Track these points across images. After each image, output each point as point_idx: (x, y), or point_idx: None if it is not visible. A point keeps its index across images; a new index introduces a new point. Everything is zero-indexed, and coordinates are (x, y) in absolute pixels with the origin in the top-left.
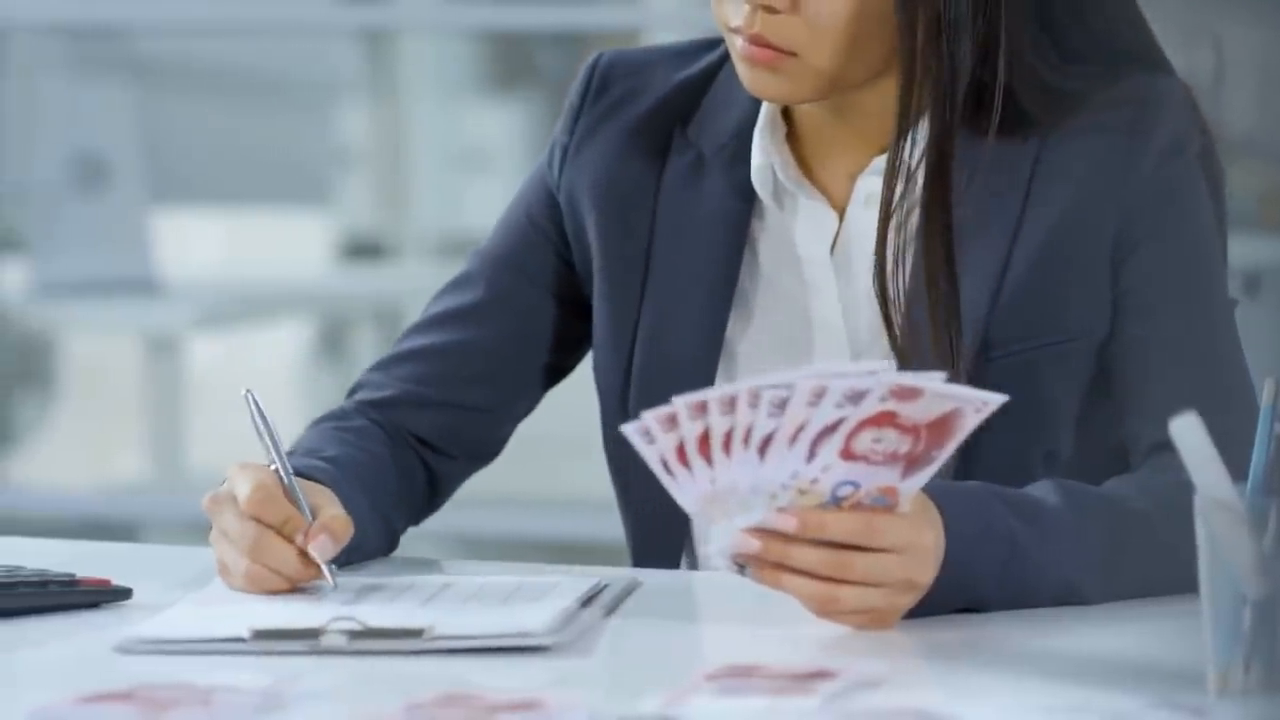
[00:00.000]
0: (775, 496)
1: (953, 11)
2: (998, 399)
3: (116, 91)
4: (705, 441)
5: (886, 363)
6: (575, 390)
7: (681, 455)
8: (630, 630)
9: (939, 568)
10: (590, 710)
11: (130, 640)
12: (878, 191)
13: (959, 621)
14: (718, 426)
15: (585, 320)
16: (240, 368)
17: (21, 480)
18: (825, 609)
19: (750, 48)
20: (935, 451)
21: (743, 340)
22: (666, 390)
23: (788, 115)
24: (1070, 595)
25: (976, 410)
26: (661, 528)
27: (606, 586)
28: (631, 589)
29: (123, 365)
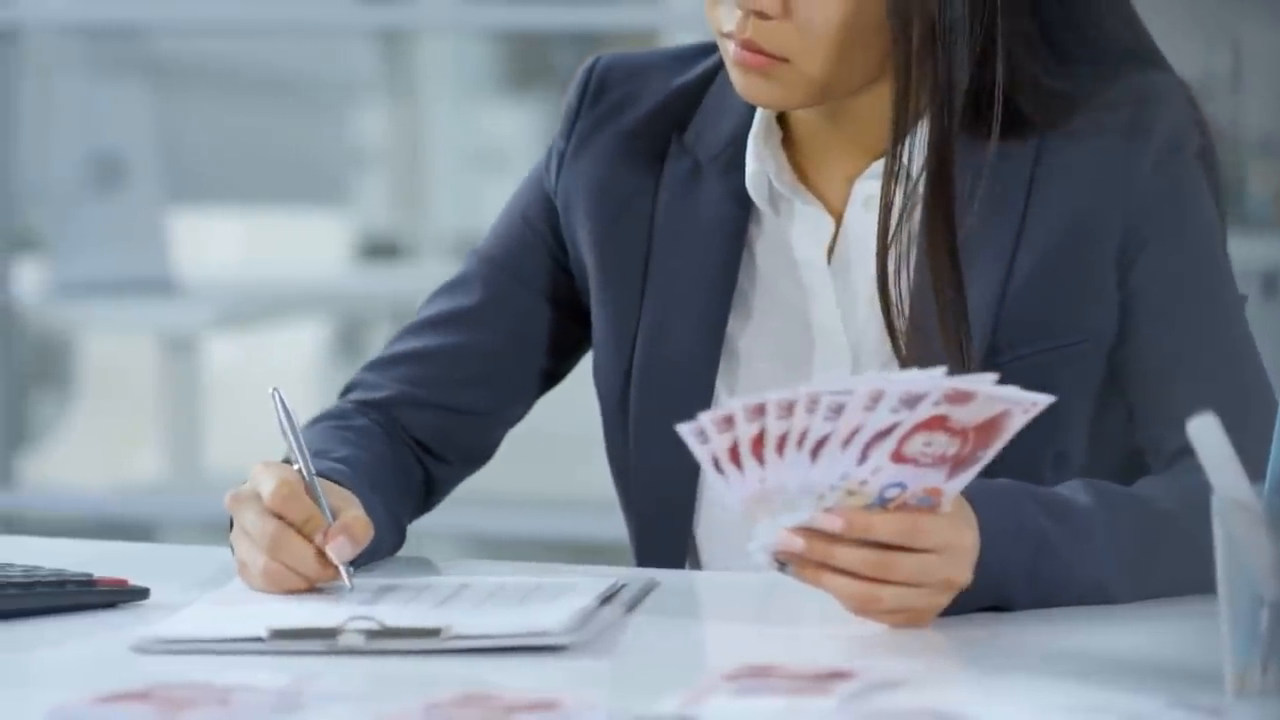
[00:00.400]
0: (823, 497)
1: (947, 17)
2: (1046, 399)
3: (134, 91)
4: (759, 442)
5: (943, 370)
6: (591, 389)
7: (734, 455)
8: (648, 630)
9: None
10: (608, 710)
11: (147, 640)
12: (876, 194)
13: (978, 621)
14: (773, 429)
15: (580, 325)
16: (257, 367)
17: (39, 480)
18: (865, 608)
19: (742, 53)
20: (981, 452)
21: (742, 343)
22: (666, 393)
23: (783, 121)
24: (1099, 595)
25: (1025, 411)
26: (663, 528)
27: (624, 586)
28: (649, 589)
29: (140, 365)
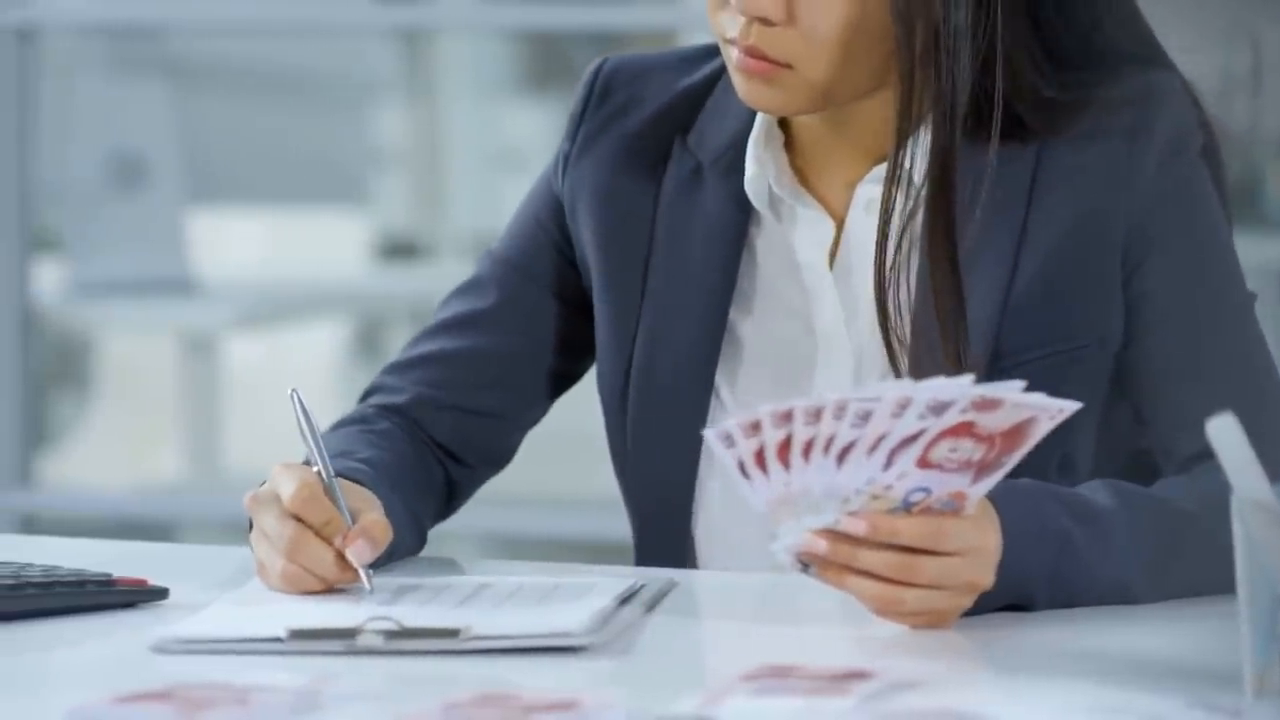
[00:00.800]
0: (848, 500)
1: (951, 23)
2: (1073, 405)
3: (154, 91)
4: (786, 447)
5: (970, 378)
6: None
7: (760, 459)
8: (667, 630)
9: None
10: (627, 710)
11: (167, 640)
12: (878, 198)
13: (996, 622)
14: (800, 435)
15: (593, 325)
16: (277, 367)
17: (58, 480)
18: (887, 610)
19: (746, 59)
20: (1006, 458)
21: (744, 346)
22: (665, 394)
23: (785, 124)
24: (1120, 595)
25: (1051, 417)
26: (661, 529)
27: (643, 586)
28: (668, 589)
29: (160, 365)
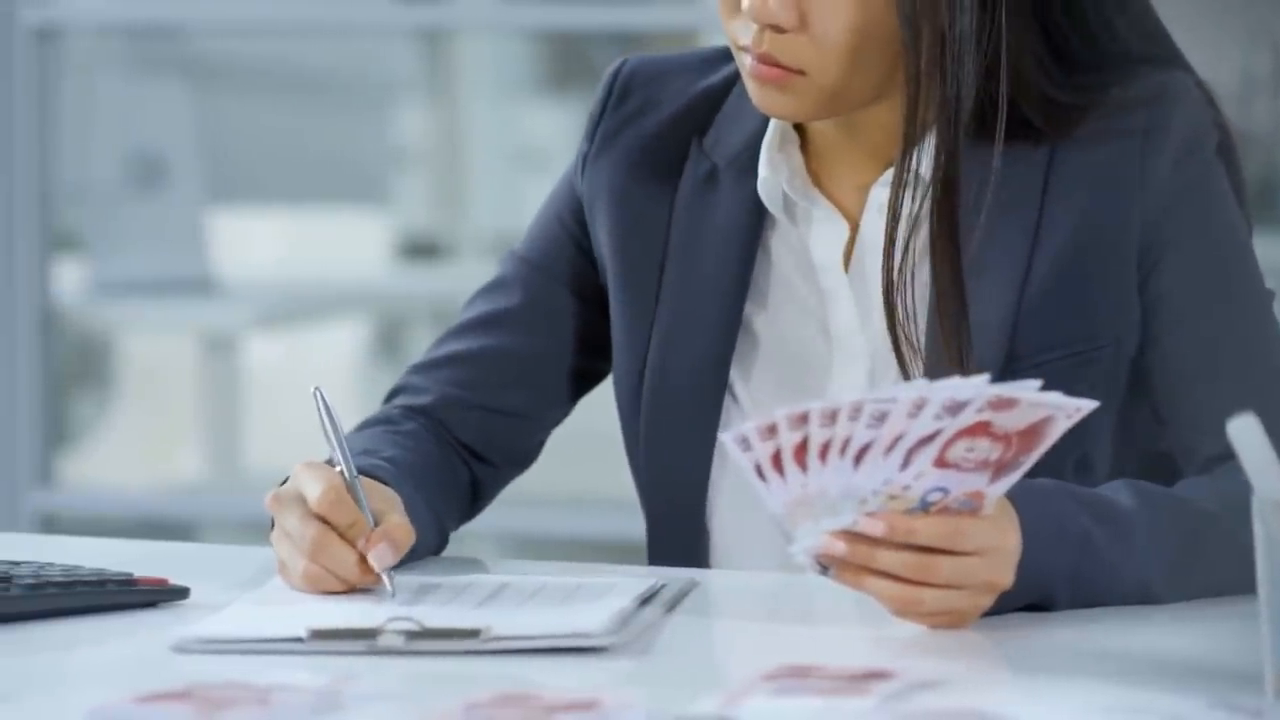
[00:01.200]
0: (865, 501)
1: (957, 28)
2: (1090, 404)
3: (174, 91)
4: (802, 450)
5: (986, 377)
6: None
7: (776, 462)
8: (687, 630)
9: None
10: (647, 710)
11: (187, 640)
12: None
13: (1015, 622)
14: (816, 437)
15: None
16: (298, 367)
17: (79, 480)
18: (906, 610)
19: (759, 66)
20: (1023, 457)
21: (759, 346)
22: (678, 395)
23: (799, 128)
24: (1141, 595)
25: (1068, 416)
26: (674, 529)
27: (664, 586)
28: (689, 589)
29: (180, 365)
